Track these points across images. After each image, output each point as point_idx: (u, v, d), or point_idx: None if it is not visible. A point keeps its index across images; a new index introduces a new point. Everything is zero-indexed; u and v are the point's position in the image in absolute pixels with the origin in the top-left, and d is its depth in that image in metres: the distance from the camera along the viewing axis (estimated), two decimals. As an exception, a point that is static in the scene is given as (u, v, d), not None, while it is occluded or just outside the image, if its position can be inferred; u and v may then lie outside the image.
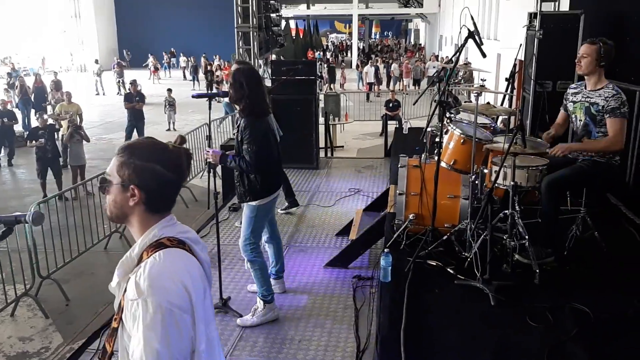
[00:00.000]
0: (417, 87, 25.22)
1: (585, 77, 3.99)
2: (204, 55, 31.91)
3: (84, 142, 10.11)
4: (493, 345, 3.10)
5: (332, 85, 26.17)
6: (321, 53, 40.01)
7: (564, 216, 4.20)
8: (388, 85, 25.77)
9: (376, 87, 24.53)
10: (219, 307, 4.39)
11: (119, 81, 25.28)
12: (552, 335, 3.10)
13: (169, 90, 16.80)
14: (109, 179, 1.61)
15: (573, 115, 4.08)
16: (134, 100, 12.98)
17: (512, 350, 3.07)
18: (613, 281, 3.75)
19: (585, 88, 4.00)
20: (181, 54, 34.18)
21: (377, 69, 25.03)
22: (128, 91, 14.08)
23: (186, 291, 1.50)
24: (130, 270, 1.57)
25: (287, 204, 6.83)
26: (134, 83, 13.74)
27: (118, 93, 24.45)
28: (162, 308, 1.44)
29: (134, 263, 1.58)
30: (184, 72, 32.41)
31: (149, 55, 32.23)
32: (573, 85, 4.25)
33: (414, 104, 7.17)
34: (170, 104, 16.31)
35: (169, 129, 16.11)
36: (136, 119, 12.99)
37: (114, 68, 26.31)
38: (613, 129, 3.78)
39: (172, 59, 35.95)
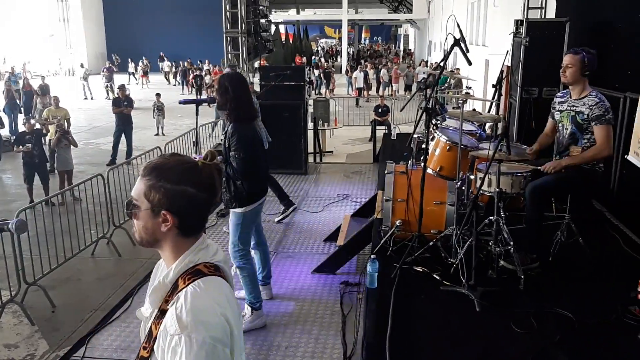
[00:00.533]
0: (407, 93, 25.32)
1: (570, 87, 4.04)
2: (188, 60, 31.85)
3: (72, 147, 10.05)
4: (478, 351, 3.13)
5: (326, 90, 26.22)
6: (316, 58, 40.07)
7: (549, 222, 4.25)
8: (377, 90, 25.89)
9: (365, 92, 24.63)
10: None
11: (107, 85, 25.14)
12: (536, 341, 3.13)
13: (158, 94, 16.74)
14: (136, 204, 1.51)
15: (560, 124, 4.11)
16: (122, 105, 12.92)
17: (496, 356, 3.10)
18: (597, 287, 3.80)
19: (570, 97, 4.04)
20: (165, 59, 34.09)
21: (366, 74, 25.14)
22: (116, 96, 14.01)
23: (228, 324, 1.46)
24: (163, 296, 1.51)
25: (282, 208, 6.79)
26: (122, 88, 13.67)
27: (106, 97, 24.30)
28: (207, 344, 1.39)
29: (167, 289, 1.51)
30: (166, 77, 32.34)
31: (129, 60, 32.28)
32: (559, 94, 4.28)
33: (401, 110, 7.22)
34: (159, 109, 16.24)
35: (157, 134, 16.06)
36: (124, 124, 12.92)
37: (103, 72, 26.17)
38: (600, 136, 3.82)
39: (160, 64, 35.87)
